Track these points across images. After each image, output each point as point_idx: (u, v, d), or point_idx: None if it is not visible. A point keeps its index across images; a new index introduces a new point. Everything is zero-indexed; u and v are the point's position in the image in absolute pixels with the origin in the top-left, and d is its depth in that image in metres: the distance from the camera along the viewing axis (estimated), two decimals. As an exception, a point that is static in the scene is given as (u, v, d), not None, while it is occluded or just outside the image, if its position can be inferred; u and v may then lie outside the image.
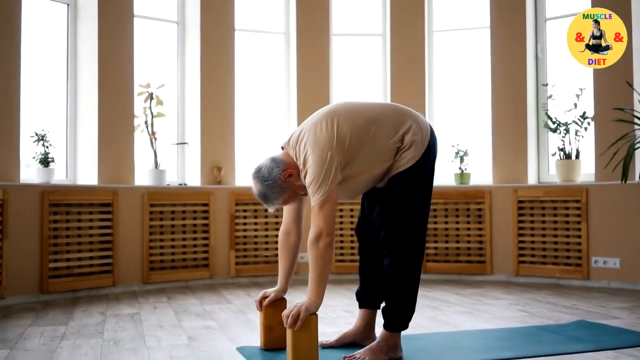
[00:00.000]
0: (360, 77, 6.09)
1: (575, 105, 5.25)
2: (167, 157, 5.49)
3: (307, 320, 2.49)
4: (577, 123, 5.20)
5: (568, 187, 5.09)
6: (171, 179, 5.44)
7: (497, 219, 5.34)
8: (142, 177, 5.24)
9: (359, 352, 2.67)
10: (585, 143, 5.26)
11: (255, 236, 5.39)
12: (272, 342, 2.83)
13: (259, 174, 2.68)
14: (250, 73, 5.83)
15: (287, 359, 2.52)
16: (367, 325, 2.92)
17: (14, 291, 4.22)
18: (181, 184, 5.43)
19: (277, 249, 5.28)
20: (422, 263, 2.73)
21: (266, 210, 5.12)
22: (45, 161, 4.73)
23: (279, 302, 2.83)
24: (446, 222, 5.48)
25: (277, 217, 5.43)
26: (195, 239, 5.19)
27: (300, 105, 5.66)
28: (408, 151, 2.67)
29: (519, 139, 5.50)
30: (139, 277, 4.91)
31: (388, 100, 5.77)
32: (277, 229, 5.41)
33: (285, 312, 2.50)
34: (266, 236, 5.41)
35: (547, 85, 5.44)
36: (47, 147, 4.75)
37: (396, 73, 5.79)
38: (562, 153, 5.27)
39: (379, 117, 2.68)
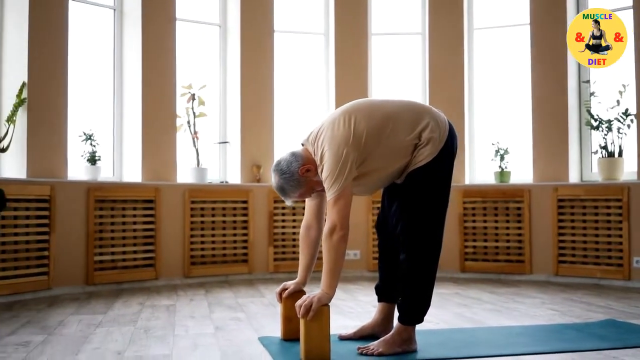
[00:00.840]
0: (400, 76, 6.10)
1: (618, 102, 5.14)
2: (209, 155, 5.66)
3: (319, 311, 2.57)
4: (619, 120, 5.08)
5: (609, 186, 4.99)
6: (213, 177, 5.60)
7: (536, 218, 5.27)
8: (185, 175, 5.42)
9: (373, 344, 2.73)
10: (629, 141, 5.15)
11: (294, 233, 5.49)
12: (291, 332, 2.91)
13: (278, 167, 2.77)
14: (289, 73, 5.94)
15: (300, 349, 2.60)
16: (385, 319, 2.96)
17: (61, 282, 4.45)
18: (222, 182, 5.59)
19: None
20: (438, 259, 2.77)
21: (293, 208, 5.23)
22: (92, 159, 4.96)
23: (298, 294, 2.91)
24: (485, 221, 5.45)
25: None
26: (235, 235, 5.34)
27: (338, 104, 5.72)
28: (425, 148, 2.70)
29: (559, 137, 5.41)
30: (180, 271, 5.08)
31: (427, 99, 5.78)
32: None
33: (298, 302, 2.59)
34: (294, 233, 5.49)
35: (588, 82, 5.34)
36: (94, 146, 4.99)
37: (435, 71, 5.79)
38: (604, 151, 5.17)
39: (396, 114, 2.73)
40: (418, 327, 3.14)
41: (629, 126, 5.09)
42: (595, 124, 5.21)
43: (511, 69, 5.86)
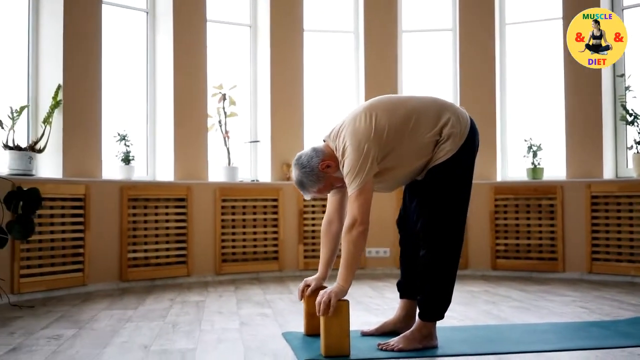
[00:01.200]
0: (430, 73, 6.08)
1: (654, 96, 5.03)
2: (241, 154, 5.74)
3: (339, 306, 2.59)
4: (654, 114, 4.98)
5: (644, 182, 4.89)
6: (244, 176, 5.67)
7: (569, 215, 5.20)
8: (217, 173, 5.50)
9: (393, 340, 2.74)
10: (665, 136, 5.03)
11: (313, 231, 5.52)
12: (314, 328, 2.94)
13: (298, 161, 2.81)
14: (319, 72, 5.98)
15: (321, 344, 2.63)
16: (407, 315, 2.97)
17: (95, 279, 4.58)
18: (254, 180, 5.66)
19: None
20: (458, 255, 2.75)
21: (323, 206, 5.26)
22: (126, 159, 5.08)
23: (320, 290, 2.94)
24: (517, 218, 5.39)
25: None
26: (265, 232, 5.40)
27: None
28: (446, 143, 2.71)
29: (593, 133, 5.32)
30: (211, 268, 5.17)
31: (458, 96, 5.75)
32: (345, 224, 5.52)
33: (317, 300, 2.61)
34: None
35: (623, 75, 5.23)
36: (128, 146, 5.11)
37: (466, 68, 5.75)
38: (639, 146, 5.06)
39: (417, 111, 2.73)
40: (441, 323, 3.15)
41: (665, 120, 4.98)
42: (630, 118, 5.11)
43: (544, 64, 5.78)
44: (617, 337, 2.90)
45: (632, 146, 5.14)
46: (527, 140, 5.58)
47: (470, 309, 3.77)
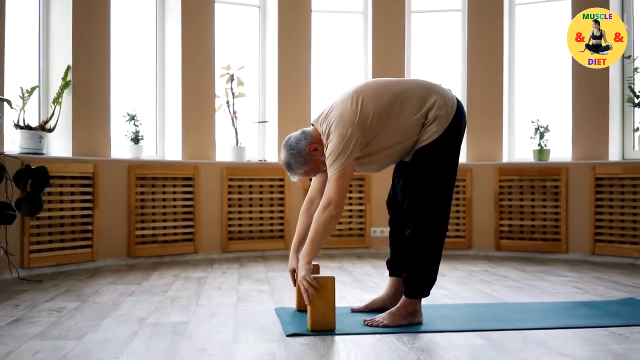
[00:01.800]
0: (439, 54, 6.08)
1: (663, 78, 5.00)
2: (249, 134, 5.82)
3: (324, 283, 2.67)
4: (661, 96, 4.95)
5: (647, 164, 4.88)
6: (252, 156, 5.76)
7: (573, 196, 5.21)
8: (225, 153, 5.60)
9: (379, 316, 2.82)
10: (672, 118, 5.01)
11: (330, 210, 5.59)
12: (304, 304, 3.02)
13: (287, 143, 2.88)
14: (327, 52, 6.01)
15: (307, 319, 2.72)
16: (396, 293, 3.04)
17: (103, 255, 4.72)
18: (261, 160, 5.74)
19: (350, 222, 5.51)
20: (443, 234, 2.81)
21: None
22: (135, 139, 5.19)
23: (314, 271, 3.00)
24: (521, 200, 5.42)
25: (350, 192, 5.61)
26: (271, 212, 5.50)
27: (375, 83, 5.77)
28: (432, 125, 2.75)
29: (600, 115, 5.31)
30: (218, 246, 5.29)
31: (465, 77, 5.76)
32: (350, 204, 5.61)
33: (306, 292, 2.67)
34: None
35: (630, 57, 5.19)
36: (137, 126, 5.22)
37: (474, 49, 5.75)
38: (645, 128, 5.05)
39: (403, 94, 2.78)
40: (432, 301, 3.25)
41: (672, 102, 4.95)
42: (637, 101, 5.08)
43: (553, 45, 5.74)
44: (603, 317, 2.95)
45: (638, 128, 5.11)
46: (534, 122, 5.58)
47: (465, 287, 3.83)
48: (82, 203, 4.62)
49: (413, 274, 2.79)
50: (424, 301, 3.23)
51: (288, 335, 2.62)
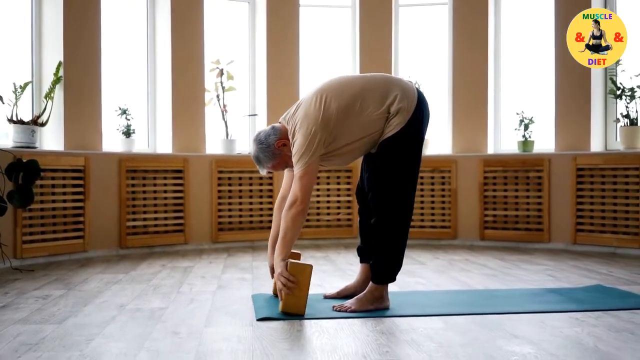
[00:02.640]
0: (426, 47, 6.18)
1: (643, 70, 5.08)
2: (240, 127, 5.93)
3: (299, 269, 2.78)
4: (641, 88, 5.03)
5: (627, 155, 4.97)
6: (242, 148, 5.87)
7: (556, 187, 5.31)
8: (216, 146, 5.72)
9: (347, 302, 2.94)
10: (652, 109, 5.09)
11: (318, 202, 5.72)
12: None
13: (257, 138, 3.02)
14: (315, 47, 6.12)
15: (280, 303, 2.84)
16: (367, 279, 3.14)
17: (95, 245, 4.86)
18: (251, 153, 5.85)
19: (338, 213, 5.62)
20: (407, 222, 2.92)
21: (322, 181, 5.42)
22: (127, 132, 5.32)
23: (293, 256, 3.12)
24: (505, 190, 5.52)
25: (338, 184, 5.73)
26: (261, 203, 5.62)
27: (362, 76, 5.87)
28: (394, 118, 2.87)
29: (582, 106, 5.40)
30: (208, 237, 5.42)
31: (451, 69, 5.85)
32: (338, 195, 5.73)
33: (281, 290, 2.78)
34: (328, 202, 5.73)
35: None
36: (128, 119, 5.34)
37: (459, 41, 5.83)
38: (627, 120, 5.13)
39: (365, 90, 2.89)
40: (405, 287, 3.37)
41: (652, 93, 5.03)
42: (619, 92, 5.16)
43: (538, 37, 5.83)
44: (566, 303, 3.06)
45: (618, 119, 5.20)
46: (519, 114, 5.67)
47: (441, 276, 3.95)
48: (73, 195, 4.76)
49: (379, 260, 2.91)
50: (396, 287, 3.38)
51: (258, 320, 2.74)
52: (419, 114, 2.90)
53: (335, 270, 4.21)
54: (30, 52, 5.00)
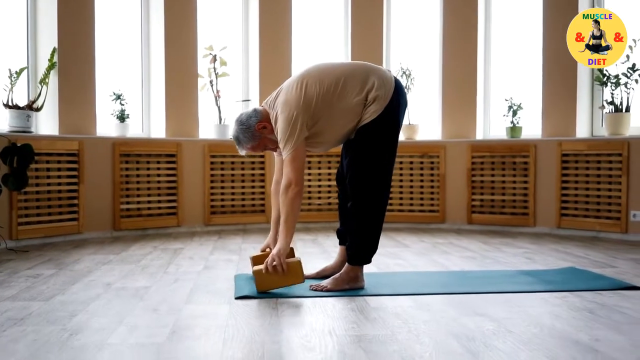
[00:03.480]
0: (416, 33, 6.25)
1: (628, 57, 5.13)
2: (233, 113, 6.02)
3: (292, 267, 2.91)
4: (626, 76, 5.10)
5: (610, 141, 5.05)
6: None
7: (541, 172, 5.40)
8: (209, 131, 5.83)
9: (324, 282, 3.06)
10: (637, 96, 5.16)
11: (309, 186, 5.83)
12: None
13: (238, 119, 3.13)
14: (307, 32, 6.19)
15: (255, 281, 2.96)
16: (345, 260, 3.26)
17: (90, 227, 4.99)
18: (244, 138, 5.96)
19: (329, 197, 5.73)
20: (382, 207, 3.02)
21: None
22: (121, 117, 5.43)
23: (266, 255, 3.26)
24: (492, 175, 5.62)
25: (329, 168, 5.84)
26: (253, 187, 5.74)
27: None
28: (372, 105, 2.97)
29: (568, 93, 5.47)
30: (201, 219, 5.55)
31: (441, 55, 5.93)
32: (330, 179, 5.84)
33: (268, 263, 2.91)
34: (319, 186, 5.84)
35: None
36: (123, 105, 5.45)
37: (450, 29, 5.91)
38: (612, 106, 5.21)
39: (344, 77, 2.99)
40: (384, 269, 3.49)
41: (636, 81, 5.10)
42: (604, 79, 5.24)
43: (528, 25, 5.89)
44: (537, 284, 3.17)
45: (603, 105, 5.28)
46: (508, 100, 5.76)
47: (421, 258, 4.06)
48: (68, 179, 4.88)
49: (354, 243, 3.03)
50: (375, 268, 3.50)
51: (237, 298, 2.87)
52: (396, 102, 2.99)
53: (322, 252, 4.33)
54: (26, 38, 5.10)
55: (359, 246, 3.02)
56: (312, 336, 2.26)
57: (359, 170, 2.98)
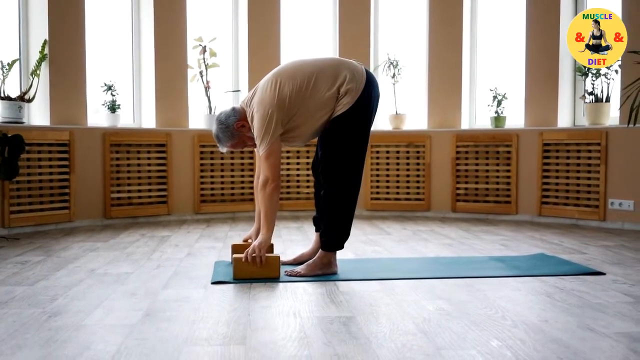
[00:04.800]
0: (404, 25, 6.34)
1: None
2: (223, 103, 6.14)
3: (270, 262, 3.05)
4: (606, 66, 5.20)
5: (589, 130, 5.16)
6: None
7: (523, 161, 5.51)
8: (199, 121, 5.95)
9: (298, 267, 3.19)
10: (616, 86, 5.25)
11: (298, 175, 5.96)
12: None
13: (218, 118, 3.24)
14: (296, 23, 6.29)
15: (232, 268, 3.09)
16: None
17: (81, 216, 5.12)
18: (234, 128, 6.07)
19: (308, 187, 5.85)
20: (353, 195, 3.14)
21: (298, 152, 5.61)
22: (112, 108, 5.55)
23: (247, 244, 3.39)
24: (476, 164, 5.73)
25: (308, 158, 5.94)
26: (242, 176, 5.86)
27: (342, 53, 6.06)
28: (344, 98, 3.08)
29: (550, 83, 5.57)
30: (190, 208, 5.68)
31: (427, 46, 6.02)
32: (316, 169, 5.94)
33: (245, 256, 3.04)
34: (308, 175, 5.95)
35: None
36: (114, 95, 5.57)
37: (436, 20, 6.00)
38: (592, 97, 5.30)
39: (316, 73, 3.10)
40: (361, 255, 3.62)
41: (616, 71, 5.19)
42: (585, 70, 5.33)
43: (514, 15, 5.98)
44: (503, 269, 3.29)
45: (583, 95, 5.38)
46: (492, 90, 5.86)
47: (399, 245, 4.19)
48: (59, 168, 5.01)
49: (327, 230, 3.15)
50: (352, 255, 3.63)
51: (212, 283, 3.00)
52: (367, 94, 3.10)
53: (304, 240, 4.45)
54: (18, 31, 5.22)
55: (331, 233, 3.14)
56: (276, 318, 2.39)
57: (331, 160, 3.10)
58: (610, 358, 1.95)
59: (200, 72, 5.92)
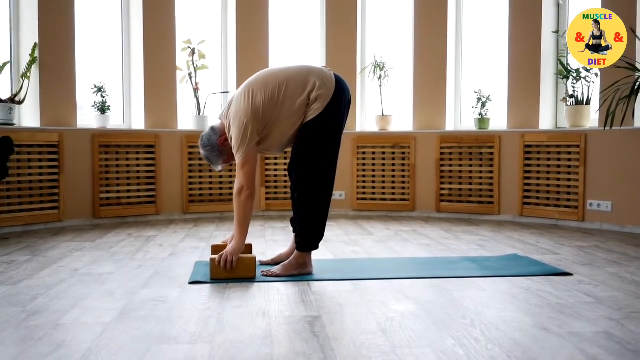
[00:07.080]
0: (391, 28, 6.43)
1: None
2: (212, 104, 6.24)
3: (248, 262, 3.15)
4: (586, 69, 5.29)
5: (569, 133, 5.26)
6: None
7: (505, 162, 5.61)
8: (188, 122, 6.04)
9: (275, 268, 3.29)
10: (596, 89, 5.35)
11: (285, 175, 6.05)
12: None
13: (201, 142, 3.36)
14: (284, 26, 6.39)
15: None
16: (297, 248, 3.50)
17: (70, 216, 5.23)
18: (222, 129, 6.17)
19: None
20: (325, 197, 3.24)
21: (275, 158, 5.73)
22: (102, 109, 5.65)
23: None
24: (460, 165, 5.83)
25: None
26: (230, 177, 5.96)
27: (329, 55, 6.16)
28: (314, 104, 3.18)
29: (532, 86, 5.66)
30: (179, 208, 5.78)
31: (413, 49, 6.12)
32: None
33: (217, 260, 3.13)
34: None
35: (557, 32, 5.53)
36: (104, 97, 5.67)
37: (421, 23, 6.09)
38: (573, 99, 5.40)
39: (286, 82, 3.19)
40: (339, 255, 3.75)
41: (596, 74, 5.28)
42: (565, 73, 5.43)
43: (499, 19, 6.07)
44: (473, 270, 3.39)
45: (564, 98, 5.47)
46: (477, 92, 5.95)
47: (378, 245, 4.29)
48: (49, 169, 5.11)
49: (301, 231, 3.25)
50: (330, 255, 3.73)
51: (190, 283, 3.10)
52: (337, 99, 3.20)
53: (287, 240, 4.53)
54: (9, 34, 5.31)
55: (305, 234, 3.25)
56: (245, 317, 2.49)
57: (303, 164, 3.20)
58: (556, 356, 2.05)
59: (190, 74, 6.02)
